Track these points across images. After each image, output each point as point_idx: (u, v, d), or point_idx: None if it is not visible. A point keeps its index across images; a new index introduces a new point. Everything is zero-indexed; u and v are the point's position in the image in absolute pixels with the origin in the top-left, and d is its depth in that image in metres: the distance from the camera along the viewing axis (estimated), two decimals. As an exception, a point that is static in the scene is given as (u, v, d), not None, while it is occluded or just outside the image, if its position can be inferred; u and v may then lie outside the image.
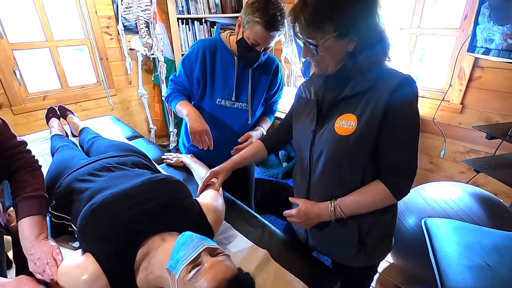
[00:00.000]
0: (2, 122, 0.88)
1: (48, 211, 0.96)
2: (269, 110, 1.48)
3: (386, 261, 1.75)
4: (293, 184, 1.00)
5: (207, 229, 0.91)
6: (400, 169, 0.76)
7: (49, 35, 2.36)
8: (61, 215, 0.95)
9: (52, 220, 0.97)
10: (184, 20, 2.73)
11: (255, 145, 1.09)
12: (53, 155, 1.40)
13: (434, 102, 2.04)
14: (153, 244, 0.80)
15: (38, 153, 1.53)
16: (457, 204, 1.36)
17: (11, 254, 0.95)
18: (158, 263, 0.76)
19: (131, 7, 2.49)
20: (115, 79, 2.79)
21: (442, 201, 1.39)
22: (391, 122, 0.71)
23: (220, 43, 1.24)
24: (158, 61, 2.67)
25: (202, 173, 1.27)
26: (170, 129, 2.97)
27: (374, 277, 1.64)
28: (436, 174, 2.21)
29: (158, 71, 2.72)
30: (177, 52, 2.77)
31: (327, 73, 0.78)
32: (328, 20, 0.67)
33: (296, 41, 0.76)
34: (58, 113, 1.85)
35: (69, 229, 0.94)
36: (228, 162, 1.08)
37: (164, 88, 2.76)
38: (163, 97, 2.79)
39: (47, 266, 0.76)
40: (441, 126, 2.05)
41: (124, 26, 2.58)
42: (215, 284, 0.66)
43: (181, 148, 1.54)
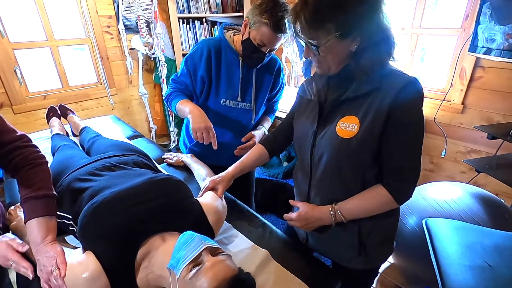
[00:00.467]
0: None
1: None
2: (270, 109, 1.48)
3: (387, 261, 1.74)
4: (294, 184, 0.99)
5: (208, 229, 0.91)
6: (403, 173, 0.74)
7: (50, 35, 2.36)
8: (62, 214, 0.94)
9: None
10: (185, 20, 2.72)
11: (257, 150, 1.07)
12: (54, 155, 1.40)
13: (435, 102, 2.03)
14: (154, 244, 0.80)
15: (39, 153, 1.53)
16: (458, 204, 1.36)
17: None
18: (159, 263, 0.76)
19: (132, 7, 2.49)
20: (116, 79, 2.79)
21: (443, 201, 1.39)
22: (395, 125, 0.69)
23: (225, 43, 1.24)
24: (159, 61, 2.66)
25: (203, 173, 1.26)
26: (171, 129, 2.98)
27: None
28: (437, 174, 2.20)
29: (159, 71, 2.72)
30: (178, 52, 2.77)
31: (330, 74, 0.76)
32: (329, 20, 0.64)
33: (298, 41, 0.74)
34: (59, 113, 1.85)
35: (70, 228, 0.94)
36: (230, 171, 1.05)
37: (165, 88, 2.76)
38: (164, 97, 2.79)
39: (52, 276, 0.72)
40: (442, 126, 2.05)
41: (125, 26, 2.58)
42: (216, 283, 0.66)
43: (182, 148, 1.54)
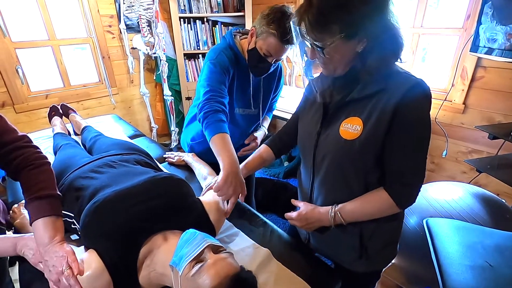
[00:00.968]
0: None
1: None
2: (269, 109, 1.51)
3: (387, 261, 1.74)
4: (297, 183, 0.99)
5: (209, 228, 0.92)
6: (406, 177, 0.72)
7: (52, 34, 2.37)
8: (65, 212, 0.94)
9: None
10: (186, 19, 2.72)
11: (263, 152, 1.06)
12: (56, 153, 1.41)
13: (436, 102, 2.03)
14: (156, 243, 0.80)
15: (41, 152, 1.53)
16: (459, 204, 1.36)
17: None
18: (161, 261, 0.76)
19: (133, 6, 2.49)
20: (117, 78, 2.80)
21: (444, 201, 1.39)
22: (400, 127, 0.68)
23: (237, 52, 1.20)
24: (160, 60, 2.67)
25: (204, 172, 1.27)
26: (172, 128, 2.98)
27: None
28: (438, 174, 2.20)
29: (160, 70, 2.72)
30: (179, 51, 2.77)
31: (336, 75, 0.74)
32: (334, 21, 0.63)
33: (300, 42, 0.72)
34: (61, 112, 1.85)
35: (72, 226, 0.94)
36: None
37: (166, 87, 2.76)
38: (165, 98, 2.79)
39: (62, 276, 0.69)
40: (443, 126, 2.05)
41: (126, 25, 2.58)
42: (218, 281, 0.66)
43: (184, 147, 1.54)
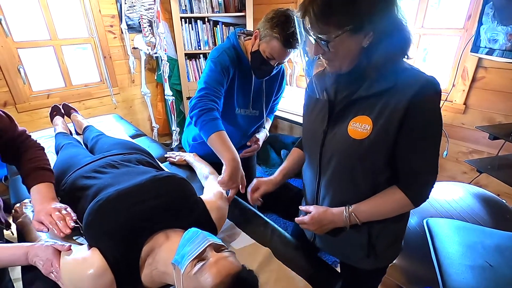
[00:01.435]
0: (7, 117, 0.96)
1: None
2: (271, 110, 1.51)
3: (388, 261, 1.74)
4: (302, 183, 0.98)
5: (211, 226, 0.92)
6: (423, 175, 0.71)
7: (53, 34, 2.37)
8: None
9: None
10: (187, 19, 2.73)
11: (297, 155, 1.02)
12: (58, 153, 1.41)
13: (437, 102, 2.03)
14: (158, 241, 0.81)
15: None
16: (459, 205, 1.36)
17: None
18: (163, 260, 0.77)
19: (135, 6, 2.50)
20: (119, 78, 2.80)
21: (445, 201, 1.39)
22: (413, 126, 0.66)
23: (240, 53, 1.20)
24: (161, 60, 2.67)
25: (205, 172, 1.27)
26: (173, 128, 2.99)
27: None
28: (439, 174, 2.16)
29: (161, 70, 2.73)
30: (180, 51, 2.78)
31: (341, 72, 0.72)
32: (340, 13, 0.61)
33: (303, 40, 0.71)
34: (62, 111, 1.86)
35: (75, 226, 0.94)
36: (276, 176, 1.00)
37: (167, 87, 2.77)
38: (166, 97, 2.80)
39: (52, 275, 0.76)
40: (444, 126, 2.04)
41: (128, 25, 2.59)
42: (220, 279, 0.67)
43: (185, 147, 1.55)
